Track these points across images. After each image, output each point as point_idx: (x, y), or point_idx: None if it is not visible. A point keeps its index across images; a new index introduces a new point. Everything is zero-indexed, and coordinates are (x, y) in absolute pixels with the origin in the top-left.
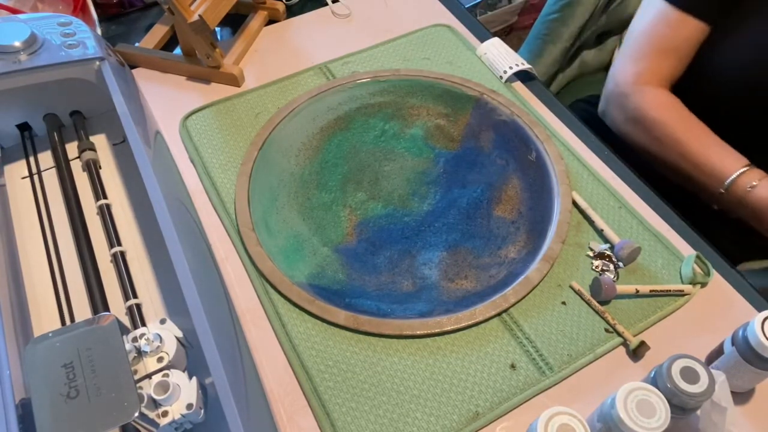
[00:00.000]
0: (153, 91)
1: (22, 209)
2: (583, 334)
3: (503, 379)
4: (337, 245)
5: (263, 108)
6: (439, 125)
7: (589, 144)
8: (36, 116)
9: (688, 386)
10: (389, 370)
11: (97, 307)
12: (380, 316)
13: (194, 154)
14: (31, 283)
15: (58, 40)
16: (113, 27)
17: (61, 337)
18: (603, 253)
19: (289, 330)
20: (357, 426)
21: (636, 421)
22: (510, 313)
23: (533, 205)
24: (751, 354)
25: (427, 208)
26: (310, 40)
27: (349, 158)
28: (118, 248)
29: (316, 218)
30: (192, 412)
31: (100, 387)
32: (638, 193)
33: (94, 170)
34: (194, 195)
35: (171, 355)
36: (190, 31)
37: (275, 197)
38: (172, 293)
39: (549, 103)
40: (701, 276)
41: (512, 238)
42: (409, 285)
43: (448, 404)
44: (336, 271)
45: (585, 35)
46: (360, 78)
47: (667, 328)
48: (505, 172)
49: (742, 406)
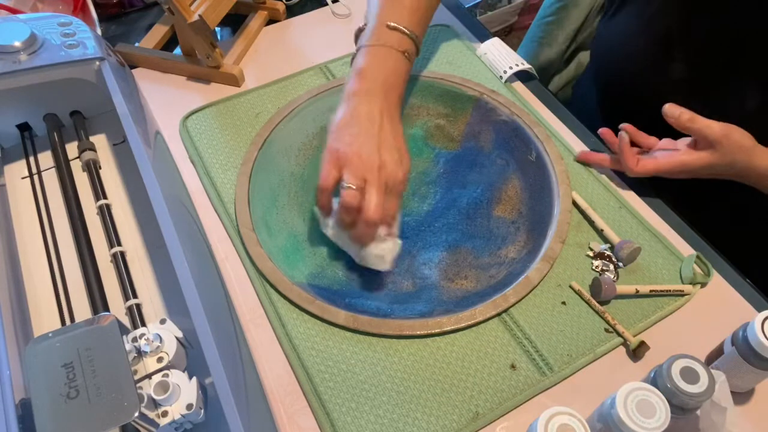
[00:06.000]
0: (153, 91)
1: (22, 209)
2: (583, 334)
3: (503, 379)
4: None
5: (263, 108)
6: (439, 125)
7: (588, 144)
8: (36, 116)
9: (688, 386)
10: (389, 370)
11: (97, 307)
12: (380, 316)
13: (194, 154)
14: (31, 283)
15: (58, 40)
16: (113, 27)
17: (61, 337)
18: (603, 253)
19: (289, 330)
20: (357, 426)
21: (636, 421)
22: (510, 313)
23: (533, 205)
24: (751, 354)
25: (427, 208)
26: (310, 40)
27: None
28: (118, 248)
29: (317, 218)
30: (192, 412)
31: (100, 387)
32: (638, 193)
33: (94, 170)
34: (194, 195)
35: (171, 355)
36: (190, 31)
37: (275, 197)
38: (172, 293)
39: (549, 103)
40: (701, 276)
41: (512, 238)
42: (409, 285)
43: (448, 404)
44: (336, 271)
45: (581, 37)
46: None
47: (667, 328)
48: (505, 172)
49: (742, 406)
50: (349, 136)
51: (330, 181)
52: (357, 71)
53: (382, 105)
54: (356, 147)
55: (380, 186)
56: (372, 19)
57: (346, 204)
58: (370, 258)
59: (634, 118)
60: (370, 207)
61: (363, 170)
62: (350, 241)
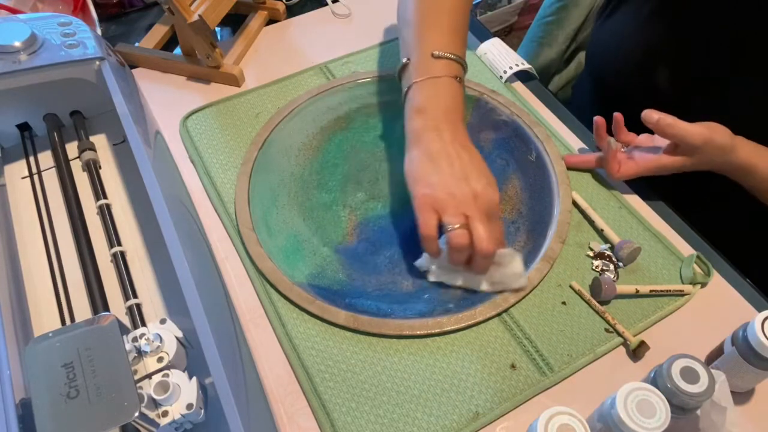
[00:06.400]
0: (153, 91)
1: (22, 209)
2: (583, 334)
3: (503, 379)
4: (337, 245)
5: (263, 108)
6: None
7: (588, 144)
8: (36, 116)
9: (688, 386)
10: (389, 370)
11: (97, 307)
12: (380, 316)
13: (194, 154)
14: (31, 283)
15: (58, 40)
16: (113, 27)
17: (61, 337)
18: (603, 253)
19: (289, 330)
20: (357, 426)
21: (636, 421)
22: (510, 313)
23: (533, 205)
24: (751, 354)
25: None
26: (310, 40)
27: (349, 158)
28: (118, 248)
29: (316, 218)
30: (192, 412)
31: (100, 387)
32: (638, 193)
33: (94, 170)
34: (194, 195)
35: (171, 355)
36: (190, 31)
37: (275, 197)
38: (172, 293)
39: (549, 103)
40: (701, 276)
41: (512, 238)
42: (409, 285)
43: (448, 404)
44: (336, 271)
45: (581, 37)
46: (360, 78)
47: (667, 328)
48: (505, 172)
49: (742, 406)
50: (434, 178)
51: (432, 229)
52: (416, 109)
53: (452, 136)
54: (445, 187)
55: (482, 216)
56: (413, 52)
57: (457, 246)
58: (507, 279)
59: (626, 117)
60: (483, 240)
61: (460, 207)
62: (470, 276)
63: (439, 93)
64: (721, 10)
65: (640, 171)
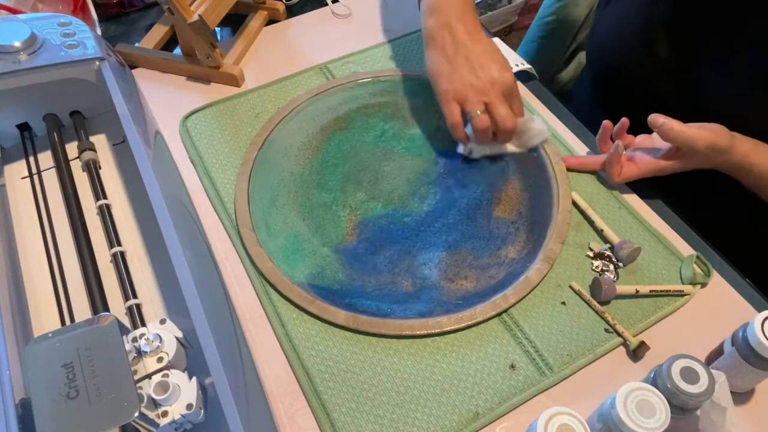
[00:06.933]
0: (153, 91)
1: (22, 209)
2: (582, 334)
3: (503, 379)
4: (337, 245)
5: (263, 108)
6: (439, 125)
7: (588, 144)
8: (36, 116)
9: (688, 386)
10: (389, 370)
11: (97, 307)
12: (380, 316)
13: (194, 154)
14: (31, 283)
15: (58, 40)
16: (113, 27)
17: (61, 337)
18: (603, 253)
19: (289, 330)
20: (357, 426)
21: (636, 422)
22: (510, 313)
23: (533, 205)
24: (751, 354)
25: (427, 209)
26: (310, 40)
27: (349, 158)
28: (118, 248)
29: (316, 218)
30: (192, 412)
31: (100, 387)
32: (638, 193)
33: (94, 170)
34: (194, 195)
35: (171, 355)
36: (190, 31)
37: (275, 197)
38: (172, 293)
39: (549, 103)
40: (701, 276)
41: (512, 238)
42: (409, 285)
43: (448, 404)
44: (336, 271)
45: (581, 37)
46: (360, 78)
47: (667, 328)
48: (505, 172)
49: (742, 406)
50: (453, 73)
51: (457, 117)
52: (429, 10)
53: (463, 31)
54: (463, 80)
55: (500, 98)
56: None
57: (482, 129)
58: (533, 139)
59: (627, 106)
60: (505, 119)
61: (480, 95)
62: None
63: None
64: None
65: (641, 173)
